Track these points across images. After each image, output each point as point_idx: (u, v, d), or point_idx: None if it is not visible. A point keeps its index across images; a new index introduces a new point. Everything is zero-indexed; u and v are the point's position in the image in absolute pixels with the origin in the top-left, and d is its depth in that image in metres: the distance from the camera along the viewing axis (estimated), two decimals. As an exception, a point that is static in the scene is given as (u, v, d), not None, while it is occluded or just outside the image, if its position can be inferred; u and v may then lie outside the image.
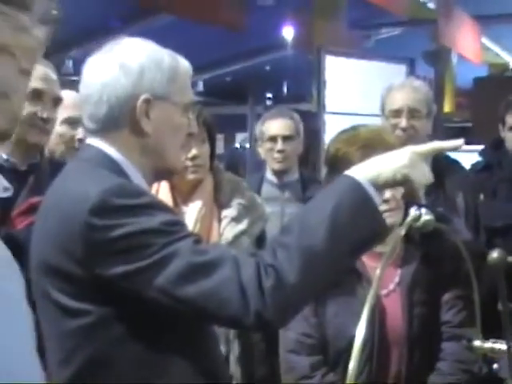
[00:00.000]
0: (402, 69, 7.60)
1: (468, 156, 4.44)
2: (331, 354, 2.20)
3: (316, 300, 2.21)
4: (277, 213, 3.35)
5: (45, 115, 2.43)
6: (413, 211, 1.35)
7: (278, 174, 3.56)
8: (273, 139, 3.54)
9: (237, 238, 2.49)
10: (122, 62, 1.59)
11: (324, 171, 3.39)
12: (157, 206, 1.50)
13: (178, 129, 1.65)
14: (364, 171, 1.47)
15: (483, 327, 1.57)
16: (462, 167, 3.39)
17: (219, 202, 2.54)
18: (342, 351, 2.14)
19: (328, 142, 2.36)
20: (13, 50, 1.09)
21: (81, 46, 11.94)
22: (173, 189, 2.53)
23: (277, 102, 14.98)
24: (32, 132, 2.42)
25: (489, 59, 15.64)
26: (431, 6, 12.28)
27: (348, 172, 1.48)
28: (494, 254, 0.97)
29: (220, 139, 12.32)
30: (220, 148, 12.36)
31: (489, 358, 1.59)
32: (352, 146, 2.19)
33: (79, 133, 2.88)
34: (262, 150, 3.63)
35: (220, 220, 2.52)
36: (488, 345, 1.51)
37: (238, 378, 2.38)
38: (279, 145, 3.51)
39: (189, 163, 2.45)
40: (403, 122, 3.07)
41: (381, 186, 1.46)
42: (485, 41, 14.52)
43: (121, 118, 1.60)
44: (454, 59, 14.03)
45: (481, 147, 3.95)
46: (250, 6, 9.44)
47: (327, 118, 7.30)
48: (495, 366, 1.63)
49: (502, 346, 1.46)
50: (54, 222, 1.52)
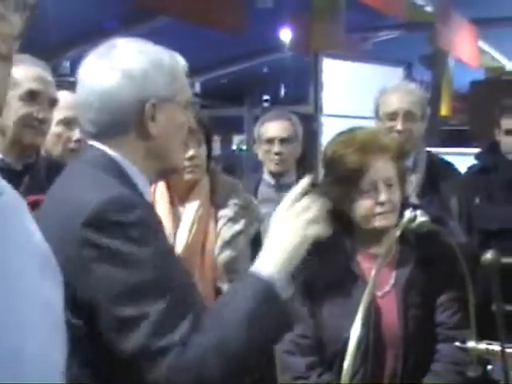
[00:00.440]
0: (399, 72, 7.61)
1: (464, 159, 4.46)
2: (327, 355, 2.20)
3: (312, 301, 2.22)
4: (273, 214, 3.36)
5: (40, 116, 2.43)
6: (408, 213, 1.36)
7: (275, 175, 3.57)
8: (270, 141, 3.54)
9: (234, 237, 2.51)
10: (124, 68, 1.57)
11: (321, 173, 3.39)
12: (149, 227, 1.47)
13: (181, 127, 1.66)
14: (273, 265, 1.53)
15: (478, 329, 1.57)
16: (456, 170, 3.40)
17: (216, 203, 2.56)
18: (337, 352, 2.14)
19: (325, 144, 2.37)
20: None
21: (78, 46, 11.93)
22: (170, 189, 2.55)
23: (274, 105, 14.99)
24: (28, 133, 2.42)
25: (486, 63, 15.66)
26: (429, 9, 12.30)
27: (258, 269, 1.52)
28: (488, 255, 0.97)
29: (217, 141, 12.33)
30: (217, 150, 12.35)
31: (483, 359, 1.59)
32: (348, 148, 2.20)
33: (76, 133, 2.88)
34: (259, 152, 3.64)
35: (217, 220, 2.54)
36: (482, 346, 1.51)
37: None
38: (276, 147, 3.51)
39: (186, 163, 2.45)
40: (399, 124, 3.08)
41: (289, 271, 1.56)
42: (482, 44, 14.56)
43: (126, 124, 1.58)
44: (451, 63, 14.06)
45: (477, 150, 3.96)
46: (249, 9, 9.45)
47: (324, 120, 7.31)
48: (489, 367, 1.63)
49: (496, 347, 1.47)
50: (54, 226, 1.48)
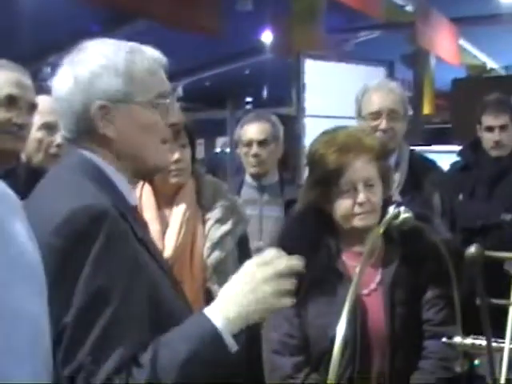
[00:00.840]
0: (380, 71, 7.65)
1: (447, 157, 4.48)
2: (314, 355, 2.19)
3: (297, 300, 2.21)
4: (255, 215, 3.37)
5: (20, 121, 2.41)
6: (392, 209, 1.35)
7: (256, 177, 3.57)
8: (248, 143, 3.54)
9: (222, 238, 2.52)
10: (75, 73, 1.58)
11: (305, 173, 3.38)
12: (115, 241, 1.45)
13: (149, 127, 1.61)
14: (228, 317, 1.45)
15: (464, 325, 1.57)
16: (438, 168, 3.41)
17: (202, 205, 2.57)
18: (324, 351, 2.14)
19: (309, 144, 2.37)
20: None
21: (58, 52, 11.88)
22: (155, 192, 2.55)
23: (256, 107, 15.00)
24: (7, 138, 2.40)
25: (467, 61, 15.74)
26: (408, 8, 12.36)
27: (210, 312, 1.47)
28: (472, 249, 0.97)
29: (200, 144, 12.31)
30: (201, 153, 12.35)
31: (470, 354, 1.59)
32: (329, 148, 2.21)
33: (57, 138, 2.85)
34: (240, 154, 3.64)
35: (204, 222, 2.55)
36: (468, 341, 1.51)
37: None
38: (254, 149, 3.52)
39: (172, 167, 2.47)
40: (383, 123, 3.08)
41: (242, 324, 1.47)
42: (462, 43, 14.63)
43: (87, 128, 1.59)
44: (433, 61, 14.12)
45: (459, 148, 3.98)
46: (229, 12, 9.44)
47: (307, 121, 7.33)
48: (476, 361, 1.63)
49: (482, 341, 1.46)
50: None
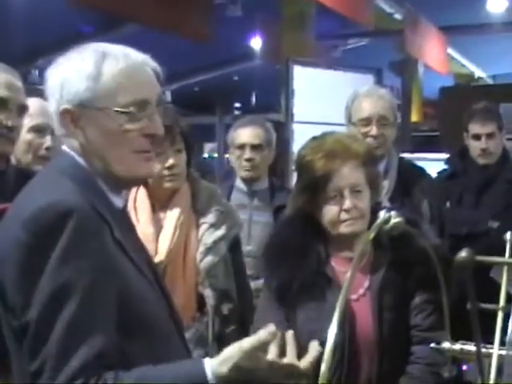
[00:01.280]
0: (369, 78, 7.66)
1: (435, 164, 4.51)
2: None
3: (286, 306, 2.22)
4: (245, 220, 3.36)
5: (10, 123, 2.40)
6: (382, 213, 1.36)
7: (247, 181, 3.57)
8: (241, 147, 3.54)
9: (215, 243, 2.54)
10: (52, 76, 1.60)
11: (293, 180, 3.37)
12: (81, 238, 1.45)
13: (115, 135, 1.57)
14: (220, 369, 1.45)
15: (452, 331, 1.58)
16: (427, 175, 3.43)
17: (197, 209, 2.58)
18: (313, 357, 2.15)
19: (299, 148, 2.37)
20: None
21: (47, 55, 11.86)
22: (150, 196, 2.56)
23: (245, 112, 15.00)
24: None
25: (455, 70, 15.81)
26: (397, 16, 12.39)
27: (207, 364, 1.46)
28: (463, 254, 0.98)
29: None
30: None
31: (458, 359, 1.60)
32: (316, 154, 2.22)
33: (47, 141, 2.85)
34: (232, 157, 3.64)
35: (198, 226, 2.55)
36: (457, 346, 1.52)
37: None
38: (247, 153, 3.51)
39: (165, 172, 2.50)
40: (374, 129, 3.10)
41: None
42: (451, 51, 14.69)
43: (63, 131, 1.61)
44: (421, 69, 14.17)
45: (447, 156, 4.01)
46: (219, 17, 9.44)
47: (296, 127, 7.33)
48: (464, 367, 1.64)
49: (470, 347, 1.47)
50: (3, 228, 1.53)
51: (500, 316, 1.31)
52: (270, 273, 2.30)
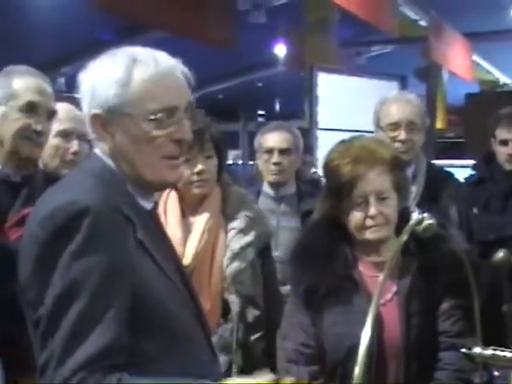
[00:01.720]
0: (393, 85, 7.65)
1: (460, 171, 4.47)
2: (328, 364, 2.19)
3: (313, 309, 2.21)
4: (272, 225, 3.34)
5: (39, 128, 2.42)
6: (415, 215, 1.35)
7: (275, 186, 3.55)
8: (269, 151, 3.53)
9: (243, 249, 2.53)
10: (84, 81, 1.61)
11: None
12: (95, 238, 1.46)
13: (143, 141, 1.58)
14: None
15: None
16: (456, 180, 3.41)
17: (226, 214, 2.57)
18: (339, 361, 2.14)
19: (327, 152, 2.35)
20: None
21: (72, 62, 11.96)
22: (181, 200, 2.56)
23: (269, 119, 15.00)
24: (25, 145, 2.41)
25: (479, 76, 15.73)
26: (422, 23, 12.36)
27: None
28: (500, 254, 0.97)
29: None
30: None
31: (488, 366, 1.58)
32: (343, 158, 2.21)
33: (74, 145, 2.86)
34: (259, 162, 3.63)
35: (227, 231, 2.55)
36: (488, 352, 1.50)
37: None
38: (275, 157, 3.50)
39: (194, 178, 2.49)
40: (402, 134, 3.08)
41: None
42: (475, 58, 14.62)
43: (94, 135, 1.62)
44: (445, 76, 14.11)
45: (472, 162, 3.98)
46: (243, 24, 9.46)
47: (319, 134, 7.32)
48: (496, 373, 1.61)
49: (503, 353, 1.45)
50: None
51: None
52: (296, 277, 2.29)
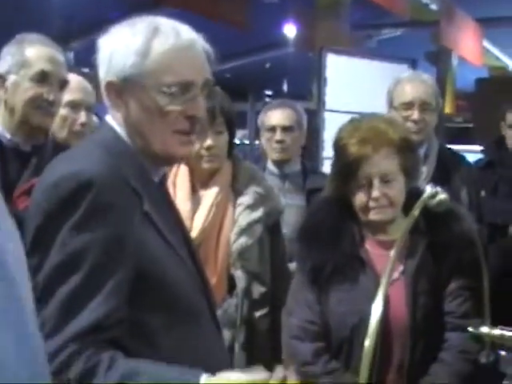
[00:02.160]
0: (403, 69, 7.60)
1: (469, 156, 4.46)
2: (333, 342, 2.19)
3: (319, 287, 2.20)
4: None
5: (51, 98, 2.41)
6: (429, 188, 1.33)
7: (279, 164, 3.53)
8: (272, 129, 3.51)
9: (250, 225, 2.50)
10: (102, 49, 1.60)
11: (322, 167, 3.33)
12: (99, 210, 1.46)
13: (155, 113, 1.56)
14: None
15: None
16: (468, 163, 3.39)
17: (236, 189, 2.55)
18: (344, 339, 2.14)
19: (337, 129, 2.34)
20: None
21: (81, 38, 11.93)
22: (191, 173, 2.55)
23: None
24: (36, 114, 2.40)
25: (489, 62, 15.65)
26: (433, 7, 12.29)
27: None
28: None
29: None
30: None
31: (496, 345, 1.57)
32: (351, 138, 2.19)
33: (82, 116, 2.86)
34: (262, 140, 3.62)
35: (235, 206, 2.53)
36: (497, 331, 1.49)
37: (242, 364, 2.37)
38: (278, 135, 3.48)
39: (204, 153, 2.47)
40: (415, 114, 3.06)
41: None
42: (485, 43, 14.53)
43: (108, 103, 1.61)
44: (455, 61, 14.04)
45: (481, 148, 3.98)
46: (254, 3, 9.42)
47: (327, 115, 7.30)
48: (503, 353, 1.61)
49: (511, 333, 1.44)
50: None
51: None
52: (303, 255, 2.28)
